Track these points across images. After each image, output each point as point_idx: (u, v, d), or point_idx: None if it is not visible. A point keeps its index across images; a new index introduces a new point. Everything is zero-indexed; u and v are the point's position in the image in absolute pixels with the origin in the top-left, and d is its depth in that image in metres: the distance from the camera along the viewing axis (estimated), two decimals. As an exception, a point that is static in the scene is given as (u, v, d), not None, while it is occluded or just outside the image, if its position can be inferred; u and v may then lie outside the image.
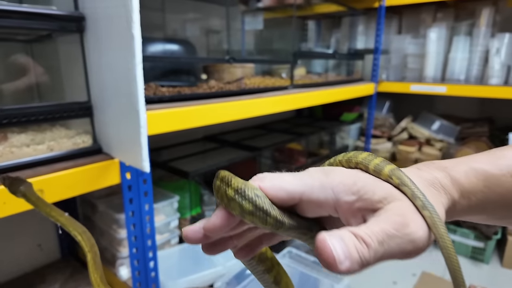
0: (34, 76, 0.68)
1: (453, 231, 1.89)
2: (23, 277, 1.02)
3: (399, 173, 0.23)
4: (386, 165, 0.24)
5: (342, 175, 0.23)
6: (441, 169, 0.26)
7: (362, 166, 0.25)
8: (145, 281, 0.78)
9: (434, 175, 0.26)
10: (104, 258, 1.02)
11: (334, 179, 0.23)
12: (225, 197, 0.22)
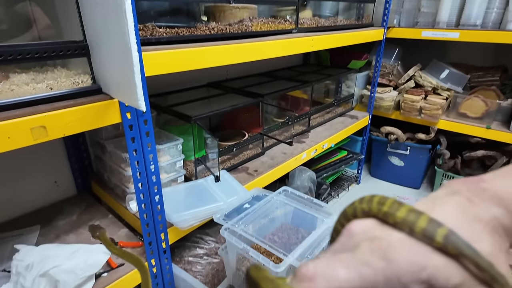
0: (37, 23, 0.68)
1: (450, 178, 1.94)
2: (43, 210, 1.12)
3: (456, 240, 0.19)
4: (437, 229, 0.19)
5: (406, 257, 0.19)
6: (498, 202, 0.21)
7: (406, 229, 0.20)
8: (151, 213, 0.86)
9: (492, 213, 0.21)
10: (116, 194, 1.11)
11: (399, 266, 0.19)
12: None
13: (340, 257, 0.21)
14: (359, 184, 2.20)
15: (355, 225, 0.23)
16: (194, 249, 1.11)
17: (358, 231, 0.22)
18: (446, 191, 0.24)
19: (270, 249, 0.70)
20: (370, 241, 0.21)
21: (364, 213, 0.24)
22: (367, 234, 0.22)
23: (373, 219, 0.23)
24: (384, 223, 0.22)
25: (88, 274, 0.77)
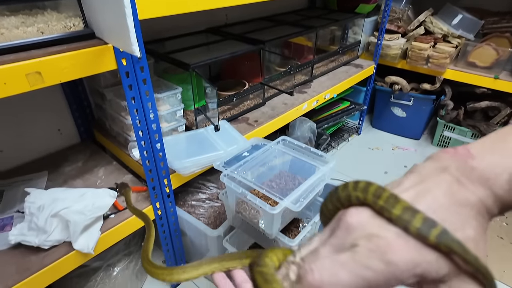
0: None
1: (451, 129, 1.94)
2: (49, 157, 1.16)
3: (447, 239, 0.20)
4: (431, 229, 0.21)
5: (404, 256, 0.21)
6: (484, 183, 0.22)
7: (401, 226, 0.21)
8: (153, 160, 0.88)
9: (479, 196, 0.22)
10: (119, 142, 1.13)
11: (397, 267, 0.21)
12: None
13: (341, 260, 0.22)
14: (359, 135, 2.21)
15: (351, 217, 0.23)
16: (196, 194, 1.16)
17: (355, 225, 0.23)
18: (434, 166, 0.24)
19: (267, 194, 0.73)
20: (368, 240, 0.22)
21: (358, 201, 0.24)
22: (364, 230, 0.22)
23: (369, 210, 0.23)
24: (379, 215, 0.23)
25: (96, 215, 0.82)
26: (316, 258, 0.23)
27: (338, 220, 0.25)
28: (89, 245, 0.81)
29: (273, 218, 0.73)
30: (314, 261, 0.23)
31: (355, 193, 0.24)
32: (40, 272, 0.76)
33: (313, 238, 0.27)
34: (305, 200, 0.73)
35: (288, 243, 0.79)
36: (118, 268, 1.08)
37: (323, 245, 0.24)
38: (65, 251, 0.80)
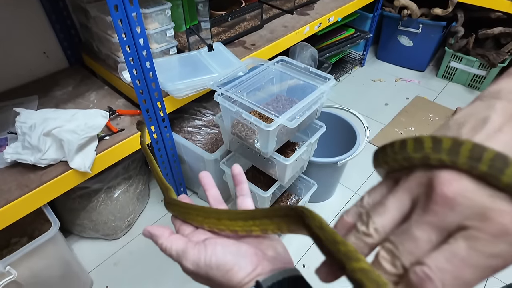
0: None
1: (458, 59, 1.86)
2: (37, 81, 1.12)
3: None
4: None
5: None
6: None
7: (492, 178, 0.17)
8: (143, 79, 0.85)
9: None
10: (109, 65, 1.08)
11: None
12: None
13: (458, 254, 0.17)
14: (363, 66, 2.13)
15: (449, 188, 0.18)
16: (192, 120, 1.14)
17: (458, 199, 0.18)
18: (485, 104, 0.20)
19: (262, 111, 0.70)
20: (483, 220, 0.17)
21: (443, 165, 0.19)
22: (473, 207, 0.17)
23: (468, 177, 0.18)
24: (483, 182, 0.18)
25: (89, 135, 0.81)
26: (417, 246, 0.18)
27: (426, 188, 0.19)
28: (85, 164, 0.81)
29: (269, 135, 0.72)
30: (415, 251, 0.18)
31: (437, 155, 0.18)
32: (40, 188, 0.78)
33: (384, 202, 0.21)
34: (301, 118, 0.71)
35: (283, 161, 0.80)
36: (118, 191, 1.11)
37: (417, 225, 0.18)
38: (63, 170, 0.81)
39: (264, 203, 0.92)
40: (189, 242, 0.30)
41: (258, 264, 0.28)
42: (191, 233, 0.34)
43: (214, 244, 0.29)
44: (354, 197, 1.33)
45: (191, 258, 0.29)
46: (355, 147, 1.10)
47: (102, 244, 1.17)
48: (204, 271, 0.28)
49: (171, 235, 0.32)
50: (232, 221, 0.30)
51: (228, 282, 0.28)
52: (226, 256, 0.28)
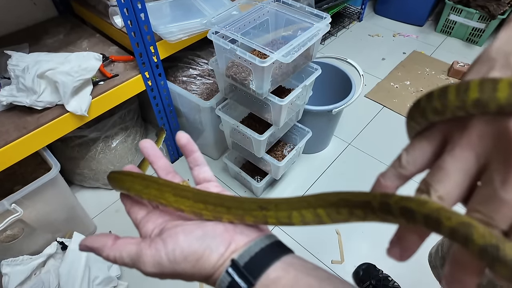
0: None
1: (458, 12, 1.82)
2: (26, 30, 1.09)
3: None
4: None
5: None
6: None
7: None
8: (135, 21, 0.83)
9: None
10: (99, 11, 1.04)
11: None
12: None
13: None
14: (361, 21, 2.08)
15: None
16: (187, 70, 1.13)
17: None
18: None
19: (257, 47, 0.70)
20: None
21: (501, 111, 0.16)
22: None
23: None
24: None
25: (83, 77, 0.80)
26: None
27: (499, 139, 0.17)
28: (82, 107, 0.82)
29: (263, 73, 0.72)
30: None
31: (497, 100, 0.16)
32: (37, 130, 0.79)
33: (442, 165, 0.18)
34: (296, 53, 0.70)
35: (278, 102, 0.80)
36: (116, 141, 1.13)
37: (505, 187, 0.16)
38: (59, 113, 0.82)
39: (259, 147, 0.94)
40: (142, 242, 0.25)
41: (231, 241, 0.25)
42: (145, 217, 0.28)
43: (174, 235, 0.25)
44: (348, 148, 1.36)
45: (150, 260, 0.24)
46: (350, 95, 1.11)
47: (103, 193, 1.20)
48: (170, 269, 0.24)
49: (115, 242, 0.26)
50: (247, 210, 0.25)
51: (200, 271, 0.24)
52: (192, 244, 0.24)
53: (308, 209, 0.23)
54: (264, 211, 0.24)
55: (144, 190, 0.27)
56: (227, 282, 0.23)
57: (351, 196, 0.21)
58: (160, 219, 0.28)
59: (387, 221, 0.19)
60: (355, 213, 0.20)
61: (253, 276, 0.23)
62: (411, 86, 1.61)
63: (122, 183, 0.29)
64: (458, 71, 1.61)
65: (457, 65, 1.62)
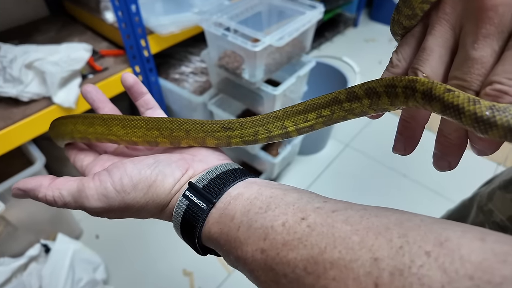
0: None
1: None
2: (17, 28, 1.07)
3: None
4: None
5: None
6: None
7: None
8: (126, 11, 0.81)
9: None
10: (91, 8, 1.03)
11: None
12: None
13: None
14: (356, 27, 2.09)
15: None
16: (179, 67, 1.12)
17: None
18: None
19: (249, 33, 0.68)
20: None
21: None
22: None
23: None
24: None
25: (72, 68, 0.78)
26: (483, 65, 0.17)
27: (467, 3, 0.17)
28: (69, 99, 0.79)
29: (256, 59, 0.70)
30: (483, 71, 0.17)
31: None
32: (23, 121, 0.76)
33: (424, 46, 0.19)
34: (289, 37, 0.69)
35: (271, 92, 0.78)
36: (107, 140, 1.10)
37: (476, 44, 0.17)
38: (46, 104, 0.79)
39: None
40: (83, 178, 0.23)
41: (188, 167, 0.23)
42: (92, 162, 0.26)
43: (122, 165, 0.22)
44: (345, 149, 1.33)
45: (94, 193, 0.21)
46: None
47: (93, 196, 1.16)
48: (118, 201, 0.21)
49: (53, 181, 0.23)
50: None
51: (154, 199, 0.21)
52: (142, 170, 0.22)
53: (275, 122, 0.22)
54: (229, 132, 0.22)
55: (88, 130, 0.25)
56: (184, 206, 0.21)
57: (317, 100, 0.21)
58: (109, 162, 0.25)
59: (355, 111, 0.20)
60: (323, 113, 0.21)
61: (213, 195, 0.20)
62: (407, 88, 1.60)
63: (64, 127, 0.26)
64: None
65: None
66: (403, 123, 0.21)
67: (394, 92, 0.19)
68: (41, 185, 0.23)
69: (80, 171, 0.26)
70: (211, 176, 0.21)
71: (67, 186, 0.23)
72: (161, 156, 0.23)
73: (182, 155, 0.24)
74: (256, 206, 0.19)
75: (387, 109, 0.20)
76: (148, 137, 0.24)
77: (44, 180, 0.23)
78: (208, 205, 0.20)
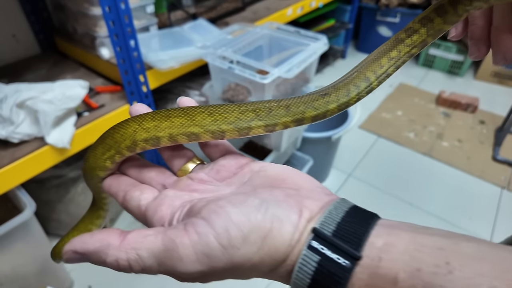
0: None
1: (437, 46, 1.90)
2: (6, 67, 1.03)
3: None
4: None
5: None
6: None
7: None
8: (125, 47, 0.79)
9: None
10: (85, 45, 1.01)
11: None
12: None
13: None
14: (345, 58, 2.15)
15: None
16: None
17: None
18: None
19: (257, 66, 0.66)
20: None
21: None
22: None
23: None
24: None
25: (67, 106, 0.74)
26: None
27: None
28: (63, 139, 0.74)
29: (264, 91, 0.68)
30: None
31: None
32: (12, 165, 0.69)
33: None
34: (298, 69, 0.67)
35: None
36: (100, 180, 1.03)
37: None
38: (38, 146, 0.73)
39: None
40: (169, 230, 0.17)
41: (301, 207, 0.17)
42: (154, 202, 0.20)
43: (220, 209, 0.17)
44: (348, 179, 1.30)
45: (191, 252, 0.16)
46: (347, 122, 1.08)
47: (84, 242, 1.07)
48: (224, 261, 0.16)
49: (124, 238, 0.17)
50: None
51: (270, 255, 0.16)
52: (251, 215, 0.16)
53: (359, 76, 0.23)
54: (326, 97, 0.22)
55: (161, 125, 0.20)
56: (314, 262, 0.15)
57: (383, 46, 0.24)
58: (179, 200, 0.20)
59: (416, 43, 0.23)
60: (392, 55, 0.24)
61: (353, 247, 0.15)
62: (403, 116, 1.62)
63: (123, 131, 0.21)
64: (446, 100, 1.64)
65: (444, 94, 1.65)
66: (469, 29, 0.23)
67: (444, 10, 0.21)
68: (108, 245, 0.17)
69: (137, 213, 0.20)
70: (336, 219, 0.16)
71: (147, 245, 0.17)
72: (262, 193, 0.18)
73: (283, 190, 0.18)
74: (426, 263, 0.14)
75: (442, 29, 0.22)
76: (241, 121, 0.20)
77: (111, 237, 0.17)
78: (351, 262, 0.15)
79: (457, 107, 1.63)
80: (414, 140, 1.47)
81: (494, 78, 1.84)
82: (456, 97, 1.63)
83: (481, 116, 1.60)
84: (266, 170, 0.21)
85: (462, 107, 1.62)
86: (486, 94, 1.75)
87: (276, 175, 0.20)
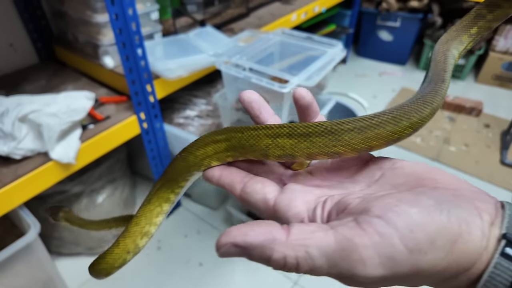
0: None
1: (439, 49, 1.90)
2: (4, 78, 0.99)
3: None
4: None
5: None
6: None
7: None
8: (132, 56, 0.75)
9: None
10: (87, 54, 0.97)
11: None
12: None
13: None
14: (346, 63, 2.14)
15: None
16: (183, 111, 1.05)
17: None
18: None
19: (275, 74, 0.63)
20: None
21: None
22: None
23: None
24: None
25: (72, 119, 0.70)
26: None
27: None
28: (69, 154, 0.70)
29: (283, 100, 0.64)
30: None
31: None
32: (15, 183, 0.65)
33: None
34: (318, 77, 0.64)
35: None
36: (103, 195, 0.98)
37: None
38: (42, 162, 0.69)
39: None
40: (342, 229, 0.15)
41: (478, 209, 0.15)
42: (282, 195, 0.18)
43: (395, 207, 0.15)
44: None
45: (373, 255, 0.14)
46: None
47: (85, 261, 1.02)
48: (408, 266, 0.14)
49: (288, 232, 0.15)
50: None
51: (458, 262, 0.14)
52: (435, 217, 0.14)
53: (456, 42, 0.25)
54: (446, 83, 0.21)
55: (299, 146, 0.18)
56: (511, 271, 0.14)
57: (462, 22, 0.26)
58: (309, 196, 0.18)
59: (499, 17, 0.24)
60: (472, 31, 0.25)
61: None
62: (407, 120, 1.60)
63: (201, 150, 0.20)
64: (450, 104, 1.63)
65: (448, 98, 1.64)
66: None
67: None
68: (274, 239, 0.15)
69: (263, 207, 0.18)
70: None
71: (317, 242, 0.15)
72: (428, 191, 0.16)
73: (446, 190, 0.16)
74: None
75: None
76: (395, 135, 0.18)
77: (276, 231, 0.15)
78: None
79: (462, 111, 1.62)
80: (421, 145, 1.45)
81: (495, 81, 1.84)
82: (460, 101, 1.62)
83: (485, 120, 1.59)
84: (403, 167, 0.18)
85: (467, 111, 1.62)
86: (488, 97, 1.75)
87: (419, 173, 0.18)
